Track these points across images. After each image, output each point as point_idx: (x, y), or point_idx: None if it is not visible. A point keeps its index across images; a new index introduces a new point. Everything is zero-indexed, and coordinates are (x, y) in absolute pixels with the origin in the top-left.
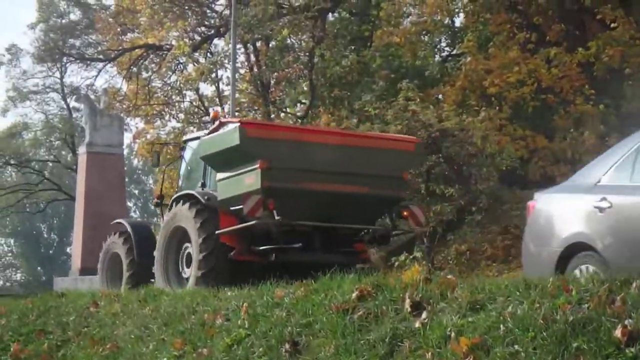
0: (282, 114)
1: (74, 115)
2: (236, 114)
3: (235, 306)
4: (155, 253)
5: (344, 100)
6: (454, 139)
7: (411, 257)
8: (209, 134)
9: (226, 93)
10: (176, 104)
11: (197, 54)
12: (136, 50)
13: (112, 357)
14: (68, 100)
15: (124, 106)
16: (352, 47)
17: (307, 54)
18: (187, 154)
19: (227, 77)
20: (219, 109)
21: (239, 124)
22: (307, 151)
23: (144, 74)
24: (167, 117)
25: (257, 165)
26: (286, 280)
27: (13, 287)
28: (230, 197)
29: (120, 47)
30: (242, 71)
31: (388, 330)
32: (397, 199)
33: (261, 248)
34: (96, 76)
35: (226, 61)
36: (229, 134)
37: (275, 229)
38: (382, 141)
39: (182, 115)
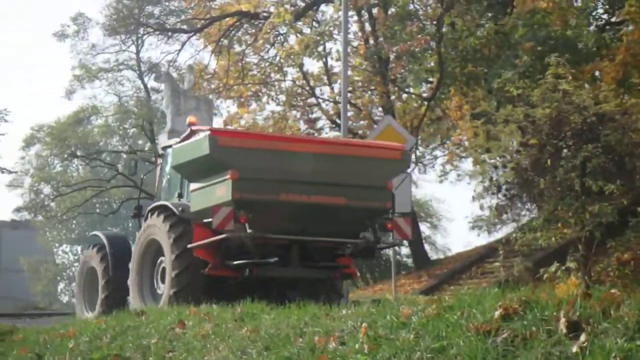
0: (404, 95)
1: (153, 98)
2: (348, 95)
3: (352, 327)
4: (130, 265)
5: (479, 78)
6: (614, 125)
7: (563, 267)
8: (180, 142)
9: (336, 70)
10: (275, 83)
11: (300, 23)
12: (227, 19)
13: None
14: (145, 79)
15: (213, 86)
16: (489, 14)
17: (435, 22)
18: (165, 162)
19: (337, 51)
20: (193, 117)
21: (209, 132)
22: (283, 161)
23: (237, 48)
24: (264, 99)
25: (227, 176)
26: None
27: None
28: (203, 209)
29: (208, 16)
30: (354, 44)
31: (539, 356)
32: (381, 210)
33: (235, 262)
34: (179, 50)
35: (335, 32)
36: (199, 143)
37: (248, 243)
38: (364, 149)
39: (282, 97)
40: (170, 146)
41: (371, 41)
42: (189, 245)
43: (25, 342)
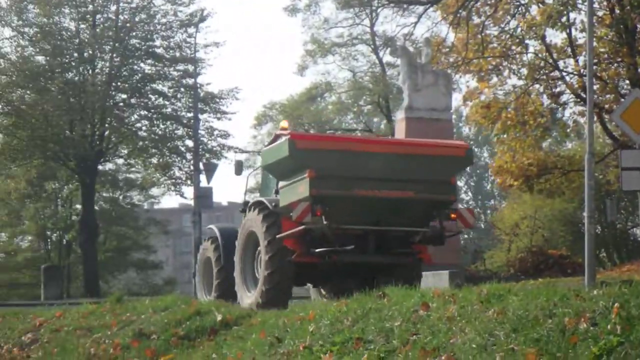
0: None
1: (389, 73)
2: (594, 67)
3: (604, 307)
4: (235, 257)
5: None
6: None
7: None
8: (268, 145)
9: (580, 41)
10: (517, 56)
11: None
12: None
13: None
14: (380, 53)
15: (451, 60)
16: None
17: None
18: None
19: (582, 21)
20: (285, 122)
21: (289, 136)
22: (355, 160)
23: (476, 19)
24: (505, 73)
25: (306, 175)
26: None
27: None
28: (289, 204)
29: None
30: (600, 13)
31: None
32: (446, 202)
33: (317, 250)
34: (415, 23)
35: (580, 0)
36: (281, 146)
37: (327, 233)
38: (429, 148)
39: (524, 70)
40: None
41: (617, 10)
42: (277, 236)
43: (265, 326)
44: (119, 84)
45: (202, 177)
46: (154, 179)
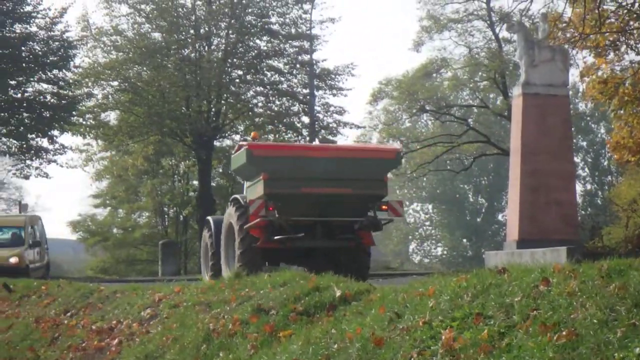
0: None
1: (505, 49)
2: None
3: None
4: (221, 242)
5: None
6: None
7: None
8: (234, 152)
9: None
10: (634, 31)
11: None
12: None
13: (570, 347)
14: (497, 29)
15: (568, 35)
16: None
17: None
18: None
19: None
20: (255, 133)
21: (247, 146)
22: (302, 163)
23: None
24: (623, 49)
25: (261, 177)
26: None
27: (433, 264)
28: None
29: None
30: None
31: None
32: (378, 196)
33: (276, 238)
34: None
35: None
36: (241, 154)
37: (282, 224)
38: (364, 152)
39: None
40: None
41: None
42: (245, 226)
43: (384, 301)
44: (234, 60)
45: None
46: None
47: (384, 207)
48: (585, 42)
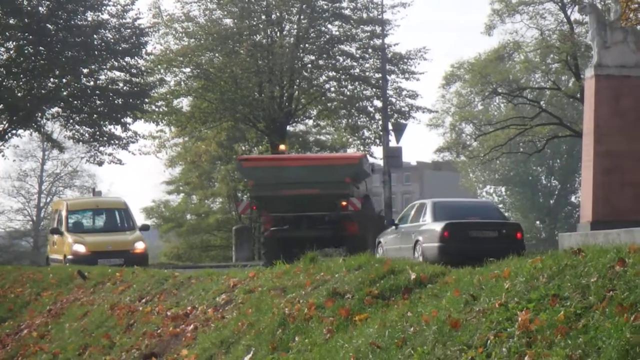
0: None
1: (577, 31)
2: None
3: None
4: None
5: None
6: None
7: None
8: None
9: None
10: None
11: None
12: None
13: None
14: (568, 11)
15: None
16: None
17: None
18: None
19: None
20: (283, 146)
21: (238, 159)
22: (280, 172)
23: None
24: None
25: (249, 183)
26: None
27: None
28: None
29: None
30: None
31: None
32: (341, 195)
33: (271, 229)
34: None
35: None
36: (237, 164)
37: (263, 220)
38: (329, 160)
39: None
40: None
41: None
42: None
43: (459, 284)
44: (306, 45)
45: (391, 138)
46: (344, 139)
47: (343, 203)
48: None
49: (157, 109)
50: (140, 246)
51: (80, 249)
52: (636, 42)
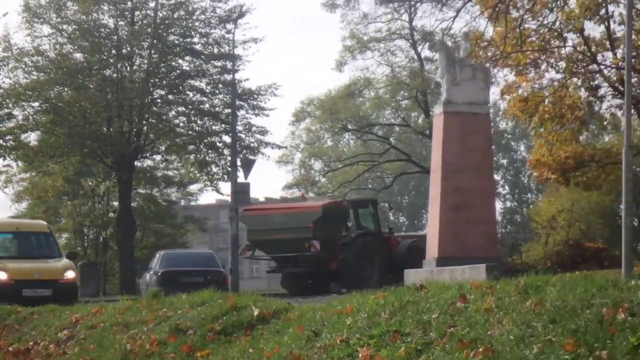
0: None
1: (427, 68)
2: (633, 61)
3: None
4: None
5: None
6: None
7: None
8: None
9: (619, 34)
10: (555, 50)
11: None
12: None
13: None
14: (419, 48)
15: (489, 54)
16: None
17: None
18: None
19: (621, 14)
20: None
21: (243, 209)
22: (266, 219)
23: (514, 13)
24: (543, 67)
25: (247, 229)
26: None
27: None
28: None
29: None
30: (639, 6)
31: None
32: (306, 238)
33: (269, 268)
34: (454, 17)
35: None
36: (241, 213)
37: (269, 258)
38: (299, 208)
39: (562, 64)
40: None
41: None
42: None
43: (302, 320)
44: (157, 80)
45: (240, 174)
46: (192, 175)
47: (306, 244)
48: (507, 61)
49: (4, 144)
50: (70, 275)
51: (2, 276)
52: (485, 79)
